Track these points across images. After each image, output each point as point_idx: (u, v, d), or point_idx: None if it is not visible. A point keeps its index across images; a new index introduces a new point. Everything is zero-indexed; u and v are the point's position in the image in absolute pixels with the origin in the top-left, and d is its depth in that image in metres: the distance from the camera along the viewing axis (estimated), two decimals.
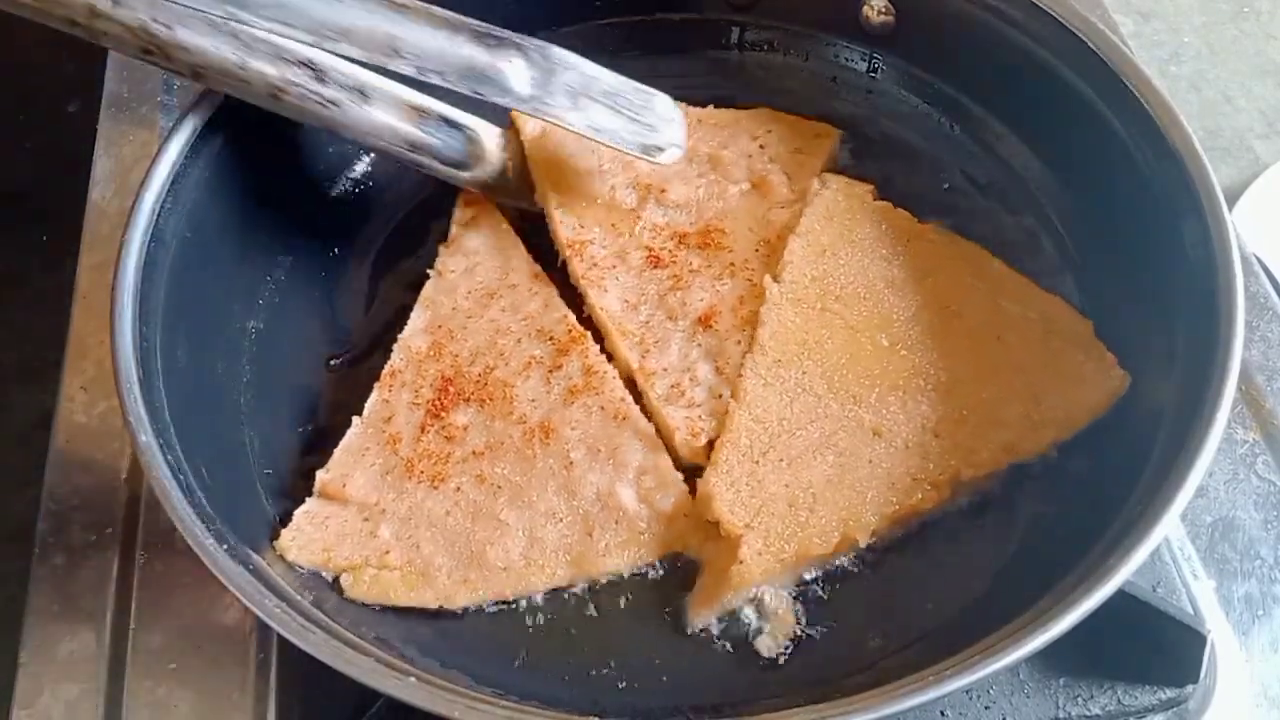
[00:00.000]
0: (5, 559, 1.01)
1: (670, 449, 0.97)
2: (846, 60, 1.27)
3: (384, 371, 1.02)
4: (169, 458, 0.83)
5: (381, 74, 1.02)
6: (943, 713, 0.88)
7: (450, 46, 1.00)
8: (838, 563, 0.93)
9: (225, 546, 0.80)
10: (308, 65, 0.97)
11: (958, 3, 1.12)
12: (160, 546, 0.98)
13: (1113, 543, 0.78)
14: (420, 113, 1.05)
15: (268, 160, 1.11)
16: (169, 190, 0.96)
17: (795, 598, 0.91)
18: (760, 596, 0.90)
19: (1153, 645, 0.88)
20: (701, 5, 1.28)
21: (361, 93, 1.01)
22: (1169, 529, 0.81)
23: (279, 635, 0.78)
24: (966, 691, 0.89)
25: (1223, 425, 0.80)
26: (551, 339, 1.03)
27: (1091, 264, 1.07)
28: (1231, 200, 1.56)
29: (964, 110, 1.20)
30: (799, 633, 0.90)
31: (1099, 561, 0.77)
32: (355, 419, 0.99)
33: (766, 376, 0.99)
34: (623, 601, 0.92)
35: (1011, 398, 0.97)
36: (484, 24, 1.02)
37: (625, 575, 0.93)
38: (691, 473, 0.96)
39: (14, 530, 1.02)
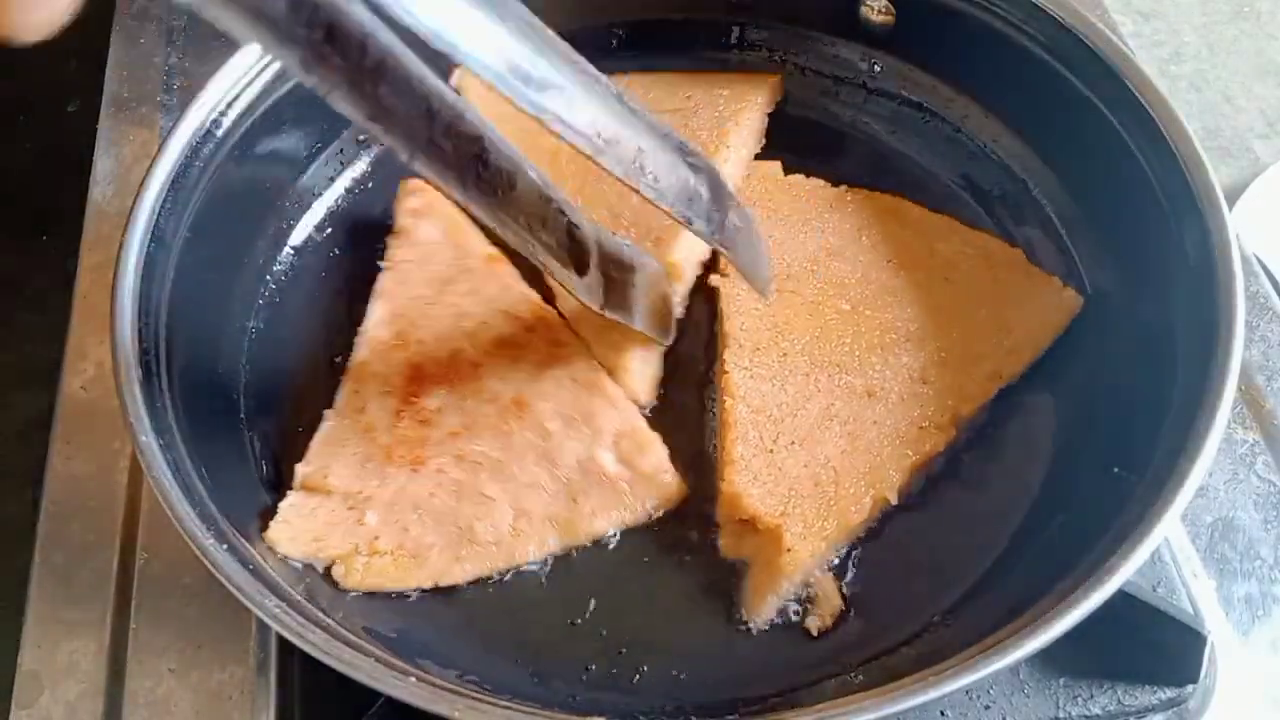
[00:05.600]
0: (5, 559, 1.01)
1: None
2: (846, 60, 1.26)
3: (350, 364, 1.02)
4: (169, 458, 0.83)
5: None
6: (943, 713, 0.88)
7: (671, 165, 0.88)
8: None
9: (225, 546, 0.80)
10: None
11: (958, 3, 1.12)
12: (160, 546, 0.98)
13: (1113, 543, 0.78)
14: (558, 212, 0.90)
15: (268, 160, 1.11)
16: (169, 190, 0.96)
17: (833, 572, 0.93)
18: (811, 580, 0.92)
19: (1153, 645, 0.88)
20: (701, 5, 1.28)
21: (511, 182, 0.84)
22: (1169, 529, 0.81)
23: (279, 635, 0.78)
24: (966, 691, 0.89)
25: (1223, 425, 0.81)
26: (515, 317, 1.04)
27: (1091, 264, 1.07)
28: (1231, 200, 1.55)
29: (964, 111, 1.20)
30: (843, 607, 0.91)
31: (1099, 561, 0.77)
32: (327, 412, 0.99)
33: (750, 367, 1.00)
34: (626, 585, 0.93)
35: (980, 331, 1.01)
36: (669, 128, 0.89)
37: (616, 537, 0.94)
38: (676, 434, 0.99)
39: (14, 530, 1.01)
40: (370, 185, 1.20)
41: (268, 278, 1.11)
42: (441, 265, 1.08)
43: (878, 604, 0.91)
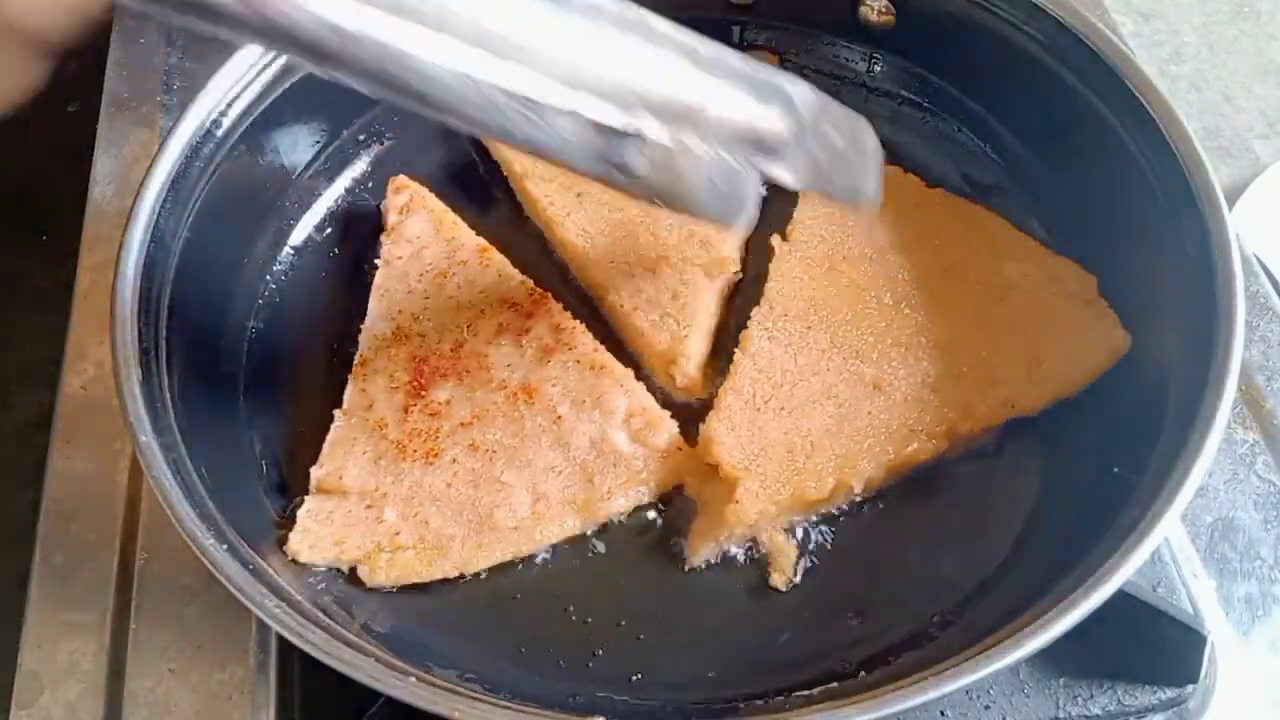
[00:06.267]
0: (5, 559, 1.01)
1: (660, 367, 1.03)
2: (846, 60, 1.27)
3: (354, 362, 1.02)
4: (169, 458, 0.83)
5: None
6: (943, 713, 0.88)
7: (742, 109, 0.82)
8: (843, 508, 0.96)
9: (225, 546, 0.80)
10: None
11: (958, 3, 1.13)
12: (160, 546, 0.98)
13: (1113, 543, 0.78)
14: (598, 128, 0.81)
15: (268, 160, 1.11)
16: (169, 190, 0.96)
17: (800, 539, 0.94)
18: (762, 538, 0.93)
19: (1153, 645, 0.88)
20: (702, 5, 1.28)
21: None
22: (1169, 529, 0.81)
23: (279, 635, 0.78)
24: (966, 691, 0.89)
25: (1223, 425, 0.81)
26: (514, 305, 1.05)
27: (1091, 264, 1.06)
28: (1231, 200, 1.55)
29: (964, 110, 1.20)
30: (803, 568, 0.93)
31: (1099, 561, 0.77)
32: (336, 412, 0.99)
33: (772, 330, 1.02)
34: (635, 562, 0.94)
35: (1011, 356, 1.00)
36: (752, 61, 0.85)
37: (630, 515, 0.96)
38: (685, 409, 1.01)
39: (14, 530, 1.01)
40: (370, 185, 1.20)
41: (268, 278, 1.11)
42: (434, 259, 1.09)
43: (879, 603, 0.91)
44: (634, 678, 0.88)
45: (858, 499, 0.96)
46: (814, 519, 0.95)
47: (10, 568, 0.99)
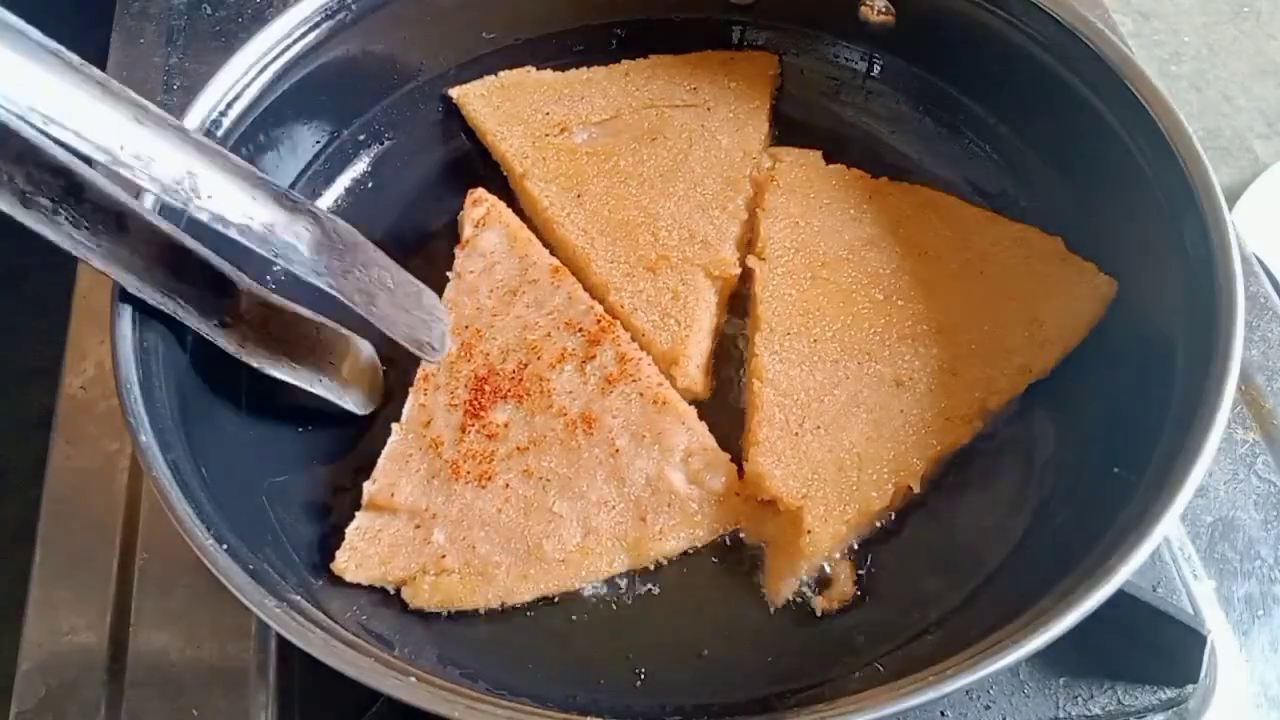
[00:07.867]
0: (5, 559, 1.01)
1: (661, 368, 1.02)
2: (846, 60, 1.27)
3: (416, 376, 1.01)
4: (169, 458, 0.83)
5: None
6: (943, 713, 0.88)
7: (251, 200, 0.90)
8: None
9: (225, 547, 0.79)
10: (64, 173, 0.82)
11: (958, 3, 1.13)
12: (160, 546, 0.98)
13: (1113, 543, 0.78)
14: (179, 252, 0.89)
15: (268, 160, 1.11)
16: None
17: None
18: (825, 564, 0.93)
19: (1153, 645, 0.88)
20: (701, 5, 1.28)
21: (119, 218, 0.86)
22: (1169, 529, 0.81)
23: (279, 635, 0.78)
24: (966, 691, 0.89)
25: (1223, 425, 0.81)
26: (581, 330, 1.03)
27: (1092, 264, 1.07)
28: (1231, 200, 1.56)
29: (964, 111, 1.20)
30: (855, 593, 0.92)
31: (1099, 561, 0.77)
32: (394, 426, 0.98)
33: (781, 351, 1.01)
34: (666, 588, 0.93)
35: (1012, 324, 1.01)
36: (278, 184, 0.93)
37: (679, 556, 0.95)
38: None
39: (14, 530, 1.02)
40: (370, 185, 1.20)
41: (267, 277, 1.11)
42: (506, 276, 1.07)
43: (877, 604, 0.91)
44: (635, 679, 0.88)
45: None
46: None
47: (10, 568, 0.99)
